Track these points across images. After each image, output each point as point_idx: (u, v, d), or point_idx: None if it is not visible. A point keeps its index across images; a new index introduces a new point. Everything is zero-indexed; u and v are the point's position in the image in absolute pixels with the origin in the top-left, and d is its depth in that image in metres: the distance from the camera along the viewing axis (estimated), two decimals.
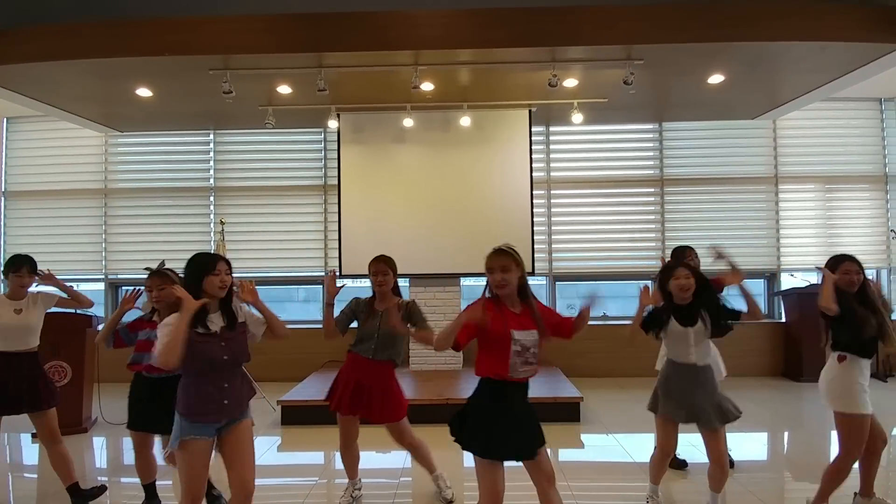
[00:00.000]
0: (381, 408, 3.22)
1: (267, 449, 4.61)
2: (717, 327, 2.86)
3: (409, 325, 3.16)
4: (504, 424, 2.39)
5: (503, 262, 2.41)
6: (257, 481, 2.47)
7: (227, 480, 2.45)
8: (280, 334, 2.66)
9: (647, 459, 3.27)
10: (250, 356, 2.54)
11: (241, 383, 2.53)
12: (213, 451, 2.49)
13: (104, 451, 4.70)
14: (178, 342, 2.24)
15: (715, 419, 2.87)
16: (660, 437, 3.10)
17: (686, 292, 2.86)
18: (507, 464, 2.41)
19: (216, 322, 2.46)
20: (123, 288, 7.76)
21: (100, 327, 5.49)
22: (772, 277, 7.47)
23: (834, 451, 4.56)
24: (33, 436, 4.86)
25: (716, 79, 5.74)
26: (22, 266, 3.29)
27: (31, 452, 4.64)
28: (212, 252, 3.10)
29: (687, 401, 2.90)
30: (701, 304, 2.87)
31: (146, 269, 3.18)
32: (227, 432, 2.47)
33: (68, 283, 3.60)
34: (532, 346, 2.42)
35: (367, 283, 3.35)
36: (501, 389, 2.41)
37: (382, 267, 3.23)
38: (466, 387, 5.48)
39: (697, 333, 2.87)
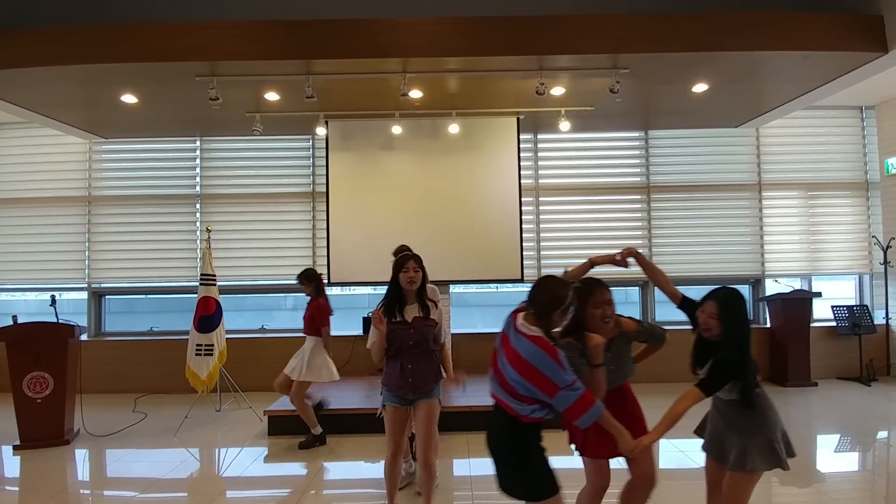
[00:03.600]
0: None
1: (254, 460, 4.56)
2: None
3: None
4: None
5: None
6: (246, 493, 2.44)
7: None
8: None
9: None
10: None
11: (426, 366, 3.07)
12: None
13: (86, 464, 4.61)
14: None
15: None
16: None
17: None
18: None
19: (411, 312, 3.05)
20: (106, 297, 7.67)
21: (83, 337, 5.44)
22: (756, 283, 7.55)
23: (821, 454, 4.63)
24: (15, 447, 4.77)
25: (700, 88, 5.82)
26: None
27: (12, 464, 4.53)
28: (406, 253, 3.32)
29: None
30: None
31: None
32: (416, 407, 3.09)
33: (51, 292, 3.56)
34: None
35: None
36: None
37: (607, 296, 2.50)
38: (460, 393, 5.46)
39: None
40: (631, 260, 2.83)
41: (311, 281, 4.93)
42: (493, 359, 2.39)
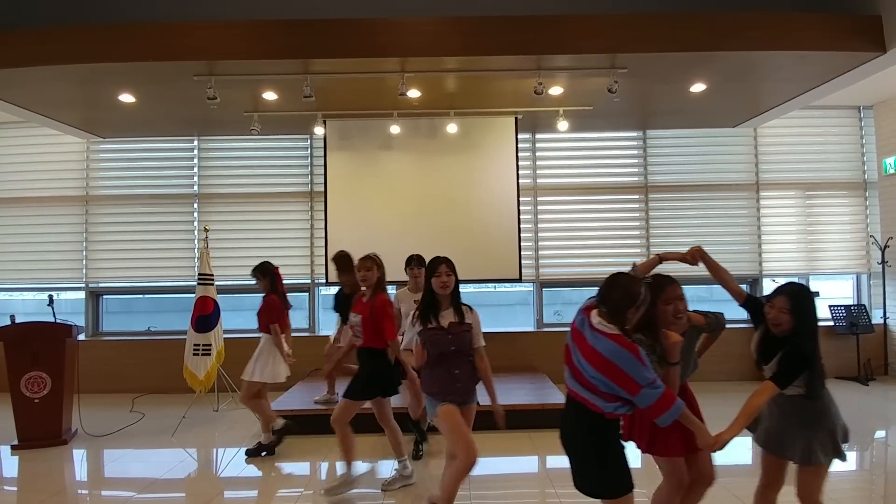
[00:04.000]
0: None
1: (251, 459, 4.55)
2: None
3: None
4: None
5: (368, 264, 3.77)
6: (244, 492, 2.45)
7: None
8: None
9: (636, 465, 3.23)
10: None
11: (470, 371, 3.09)
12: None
13: (84, 464, 4.60)
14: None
15: None
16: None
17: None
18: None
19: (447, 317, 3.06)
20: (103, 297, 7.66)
21: (80, 337, 5.43)
22: (754, 283, 7.56)
23: None
24: (12, 447, 4.76)
25: (698, 87, 5.82)
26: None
27: (10, 464, 4.53)
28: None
29: None
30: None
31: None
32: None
33: (49, 292, 3.56)
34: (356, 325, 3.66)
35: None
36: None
37: (679, 291, 2.54)
38: None
39: None
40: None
41: (265, 275, 4.77)
42: (566, 356, 2.37)
